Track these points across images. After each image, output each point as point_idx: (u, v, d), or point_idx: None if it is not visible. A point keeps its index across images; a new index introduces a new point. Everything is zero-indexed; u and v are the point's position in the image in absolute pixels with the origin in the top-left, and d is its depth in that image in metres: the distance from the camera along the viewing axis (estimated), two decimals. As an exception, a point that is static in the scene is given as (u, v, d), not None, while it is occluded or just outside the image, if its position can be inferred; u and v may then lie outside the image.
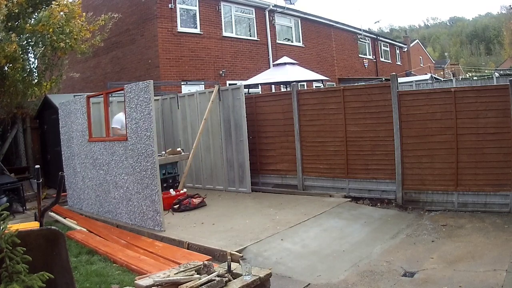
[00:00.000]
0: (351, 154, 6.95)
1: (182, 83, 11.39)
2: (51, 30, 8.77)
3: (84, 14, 9.85)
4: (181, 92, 10.28)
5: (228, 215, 6.30)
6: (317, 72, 13.18)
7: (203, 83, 11.40)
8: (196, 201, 6.80)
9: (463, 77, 28.68)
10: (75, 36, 9.33)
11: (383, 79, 16.39)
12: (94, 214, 6.88)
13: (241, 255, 4.25)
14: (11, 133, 10.28)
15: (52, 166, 9.64)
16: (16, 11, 8.67)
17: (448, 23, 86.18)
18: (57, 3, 8.84)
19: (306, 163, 7.53)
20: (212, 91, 8.02)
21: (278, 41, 15.63)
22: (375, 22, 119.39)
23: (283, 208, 6.47)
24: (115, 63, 13.43)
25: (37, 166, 5.01)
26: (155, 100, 7.69)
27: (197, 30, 12.78)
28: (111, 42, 12.99)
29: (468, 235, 4.89)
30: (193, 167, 8.35)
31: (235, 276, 3.29)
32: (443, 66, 45.53)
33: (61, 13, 9.08)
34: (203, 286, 3.06)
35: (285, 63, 11.57)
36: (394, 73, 6.84)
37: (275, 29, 15.58)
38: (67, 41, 9.08)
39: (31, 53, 9.62)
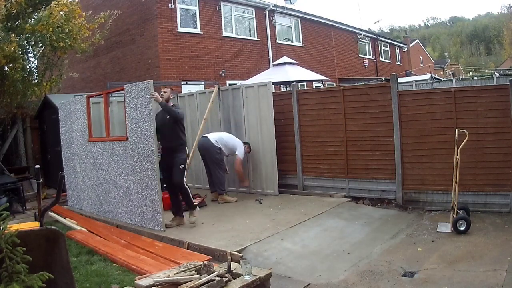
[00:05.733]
0: (351, 154, 6.95)
1: (182, 83, 11.38)
2: (50, 29, 8.77)
3: (84, 14, 9.85)
4: (181, 92, 10.27)
5: (228, 215, 6.30)
6: (317, 72, 13.18)
7: (203, 83, 11.40)
8: (196, 201, 6.78)
9: (463, 77, 28.68)
10: (75, 35, 9.33)
11: (383, 79, 16.39)
12: (94, 214, 6.88)
13: (241, 255, 4.25)
14: (11, 133, 10.28)
15: (52, 166, 9.64)
16: (14, 11, 8.67)
17: (448, 23, 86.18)
18: (56, 3, 8.85)
19: (306, 163, 7.53)
20: (212, 91, 8.02)
21: (278, 41, 15.62)
22: (375, 22, 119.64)
23: (283, 208, 6.47)
24: (115, 63, 13.44)
25: (37, 166, 5.02)
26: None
27: (197, 30, 12.78)
28: (111, 42, 13.00)
29: (468, 235, 4.89)
30: (193, 167, 8.34)
31: (235, 276, 3.29)
32: (443, 66, 45.52)
33: (61, 13, 9.09)
34: (203, 286, 3.06)
35: (284, 63, 11.57)
36: (394, 73, 6.84)
37: (275, 29, 15.58)
38: (67, 40, 9.08)
39: (31, 53, 9.63)
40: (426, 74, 23.89)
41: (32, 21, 9.17)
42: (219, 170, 7.20)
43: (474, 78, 22.05)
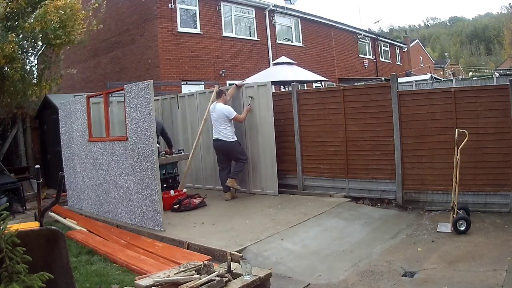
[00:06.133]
0: (351, 154, 6.95)
1: (182, 83, 11.40)
2: (46, 27, 8.75)
3: (83, 13, 9.85)
4: (181, 92, 10.27)
5: (228, 215, 6.30)
6: (316, 72, 13.18)
7: (203, 83, 11.41)
8: (196, 201, 6.80)
9: (463, 77, 28.69)
10: (70, 29, 9.30)
11: (383, 79, 16.39)
12: (94, 214, 6.88)
13: (241, 255, 4.25)
14: (11, 133, 10.28)
15: (52, 166, 9.64)
16: (14, 11, 8.66)
17: (448, 23, 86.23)
18: (51, 1, 8.82)
19: (306, 163, 7.53)
20: (212, 91, 8.02)
21: (278, 41, 15.63)
22: (375, 22, 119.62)
23: (283, 208, 6.47)
24: (115, 63, 13.44)
25: (37, 166, 5.03)
26: (155, 100, 7.67)
27: (197, 30, 12.79)
28: (111, 42, 13.01)
29: (468, 235, 4.89)
30: (193, 167, 8.34)
31: (235, 276, 3.29)
32: (443, 66, 45.54)
33: (60, 11, 9.08)
34: (203, 286, 3.06)
35: (284, 63, 11.56)
36: (394, 73, 6.84)
37: (275, 29, 15.58)
38: (63, 37, 9.07)
39: (30, 53, 9.63)
40: (426, 74, 23.92)
41: (31, 20, 9.17)
42: (242, 159, 7.34)
43: (474, 78, 22.05)
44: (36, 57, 10.11)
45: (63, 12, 9.11)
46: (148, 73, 11.86)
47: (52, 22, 8.86)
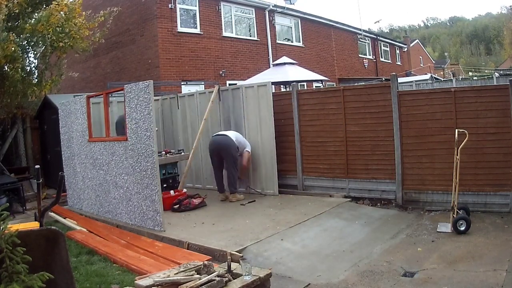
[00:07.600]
0: (351, 154, 6.95)
1: (182, 83, 11.39)
2: (50, 30, 8.77)
3: (84, 13, 9.85)
4: (181, 92, 10.27)
5: (228, 215, 6.30)
6: (317, 72, 13.18)
7: (203, 83, 11.41)
8: (196, 201, 6.80)
9: (463, 77, 28.69)
10: (74, 35, 9.33)
11: (383, 79, 16.39)
12: (94, 214, 6.88)
13: (241, 255, 4.25)
14: (11, 133, 10.28)
15: (52, 166, 9.64)
16: (16, 11, 8.67)
17: (448, 23, 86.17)
18: (56, 3, 8.84)
19: (306, 163, 7.53)
20: (212, 91, 8.02)
21: (278, 41, 15.63)
22: (375, 22, 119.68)
23: (283, 208, 6.47)
24: (115, 63, 13.43)
25: (37, 166, 5.02)
26: (155, 100, 7.68)
27: (197, 30, 12.78)
28: (111, 42, 13.00)
29: (468, 235, 4.89)
30: (193, 167, 8.34)
31: (235, 276, 3.29)
32: (443, 66, 45.52)
33: (61, 13, 9.09)
34: (203, 286, 3.06)
35: (284, 63, 11.57)
36: (394, 73, 6.84)
37: (275, 29, 15.58)
38: (66, 40, 9.08)
39: (31, 53, 9.63)
40: (426, 74, 23.91)
41: (32, 21, 9.17)
42: (235, 168, 7.20)
43: (474, 78, 22.06)
44: (37, 58, 10.10)
45: (63, 13, 9.12)
46: (148, 73, 11.85)
47: (56, 25, 8.86)
